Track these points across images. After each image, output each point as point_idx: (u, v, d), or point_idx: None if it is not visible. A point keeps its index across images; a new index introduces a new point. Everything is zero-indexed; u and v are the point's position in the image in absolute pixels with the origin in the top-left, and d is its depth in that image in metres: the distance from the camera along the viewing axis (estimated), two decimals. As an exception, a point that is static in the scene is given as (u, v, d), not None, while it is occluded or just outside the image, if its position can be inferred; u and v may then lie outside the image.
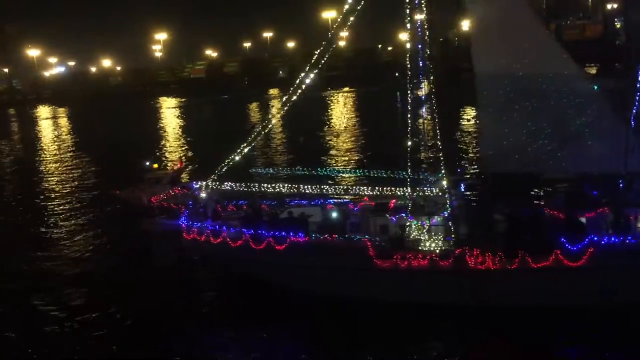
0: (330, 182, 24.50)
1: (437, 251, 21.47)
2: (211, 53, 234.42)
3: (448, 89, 23.26)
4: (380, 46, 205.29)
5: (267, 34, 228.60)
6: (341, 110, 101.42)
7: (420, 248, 21.77)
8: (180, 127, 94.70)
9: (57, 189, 48.76)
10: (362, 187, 24.04)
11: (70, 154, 69.93)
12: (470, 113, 74.59)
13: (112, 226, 35.56)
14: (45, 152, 73.66)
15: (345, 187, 24.27)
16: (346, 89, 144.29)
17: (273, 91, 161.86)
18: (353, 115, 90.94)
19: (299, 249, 22.21)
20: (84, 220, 37.58)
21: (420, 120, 23.34)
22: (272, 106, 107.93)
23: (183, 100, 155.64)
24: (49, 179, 53.88)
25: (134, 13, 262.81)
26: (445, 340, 20.07)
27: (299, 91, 25.15)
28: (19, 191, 50.38)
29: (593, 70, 68.00)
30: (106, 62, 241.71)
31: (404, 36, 23.44)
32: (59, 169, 59.04)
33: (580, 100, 21.21)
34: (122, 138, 74.71)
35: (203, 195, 25.28)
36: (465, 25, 23.79)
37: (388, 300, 21.15)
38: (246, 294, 23.55)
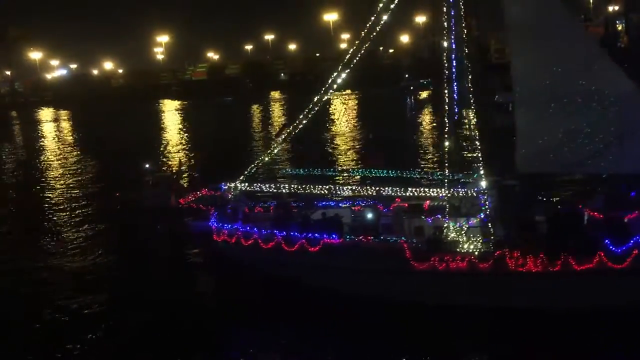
0: (360, 183, 24.19)
1: (476, 253, 21.06)
2: (213, 55, 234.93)
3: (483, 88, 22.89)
4: (381, 48, 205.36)
5: (269, 37, 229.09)
6: (352, 112, 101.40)
7: (458, 250, 21.37)
8: (182, 129, 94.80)
9: (60, 191, 48.70)
10: (394, 188, 23.80)
11: (73, 156, 69.91)
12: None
13: (119, 227, 35.56)
14: (48, 155, 73.67)
15: (376, 188, 23.86)
16: (348, 91, 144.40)
17: (274, 94, 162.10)
18: (364, 117, 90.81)
19: (333, 251, 21.94)
20: (88, 222, 37.47)
21: (465, 121, 22.77)
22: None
23: (185, 102, 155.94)
24: (51, 181, 53.82)
25: (136, 16, 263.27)
26: (482, 344, 19.70)
27: (329, 91, 25.18)
28: (21, 194, 50.40)
29: None
30: (108, 65, 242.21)
31: (405, 38, 23.03)
32: (62, 171, 59.00)
33: (620, 101, 20.69)
34: (124, 140, 74.82)
35: (231, 196, 24.97)
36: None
37: (424, 303, 20.77)
38: (277, 297, 23.11)
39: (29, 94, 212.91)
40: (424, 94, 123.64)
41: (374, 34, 24.80)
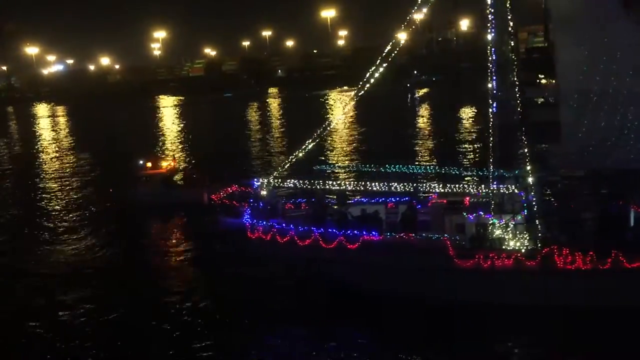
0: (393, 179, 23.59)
1: (523, 251, 20.52)
2: (210, 51, 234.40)
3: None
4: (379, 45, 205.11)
5: (266, 33, 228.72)
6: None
7: (504, 247, 20.82)
8: (179, 125, 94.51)
9: (55, 187, 48.61)
10: (432, 184, 23.23)
11: (69, 151, 69.75)
12: (467, 112, 74.75)
13: (112, 222, 35.44)
14: (44, 150, 73.48)
15: (413, 184, 23.25)
16: (345, 87, 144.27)
17: (272, 90, 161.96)
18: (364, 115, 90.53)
19: (373, 248, 21.42)
20: (82, 217, 37.41)
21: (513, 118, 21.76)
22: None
23: (181, 98, 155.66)
24: (47, 177, 53.71)
25: (133, 11, 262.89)
26: (530, 342, 19.04)
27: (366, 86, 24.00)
28: (16, 189, 50.24)
29: None
30: (105, 60, 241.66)
31: (402, 35, 22.80)
32: (58, 167, 58.87)
33: None
34: (121, 136, 74.71)
35: (264, 193, 24.39)
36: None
37: (468, 302, 20.23)
38: (314, 294, 22.70)
39: (26, 89, 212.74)
40: (423, 91, 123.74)
41: (412, 27, 24.37)
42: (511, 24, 21.26)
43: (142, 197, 36.30)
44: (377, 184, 23.33)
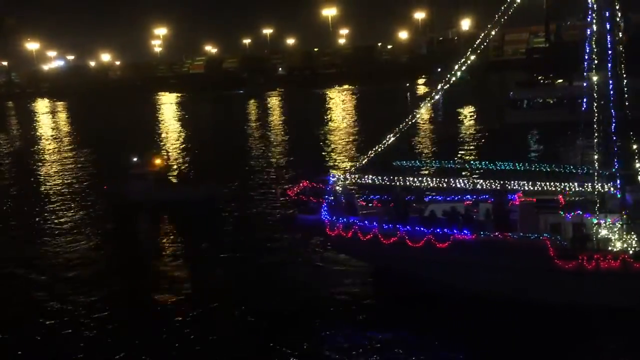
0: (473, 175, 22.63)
1: (630, 252, 19.54)
2: (211, 49, 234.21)
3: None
4: (380, 44, 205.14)
5: (267, 31, 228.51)
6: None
7: (609, 248, 19.89)
8: (179, 122, 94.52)
9: (53, 181, 48.65)
10: (521, 182, 22.01)
11: (68, 147, 69.72)
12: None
13: (106, 221, 35.46)
14: (43, 146, 73.48)
15: (499, 181, 22.16)
16: (345, 86, 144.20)
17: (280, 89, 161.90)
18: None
19: (465, 247, 20.48)
20: (78, 214, 37.40)
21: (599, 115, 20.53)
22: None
23: (182, 95, 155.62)
24: (47, 172, 53.73)
25: (134, 8, 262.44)
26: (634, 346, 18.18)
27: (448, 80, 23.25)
28: (15, 185, 50.25)
29: None
30: (105, 57, 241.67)
31: (403, 34, 22.43)
32: (57, 162, 58.84)
33: None
34: (120, 132, 74.67)
35: (339, 189, 23.56)
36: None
37: (569, 304, 19.48)
38: (400, 294, 21.77)
39: (26, 84, 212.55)
40: (421, 90, 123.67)
41: (503, 19, 23.51)
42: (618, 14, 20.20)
43: (135, 194, 36.27)
44: (461, 180, 22.16)
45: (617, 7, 20.27)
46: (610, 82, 20.26)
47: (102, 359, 19.68)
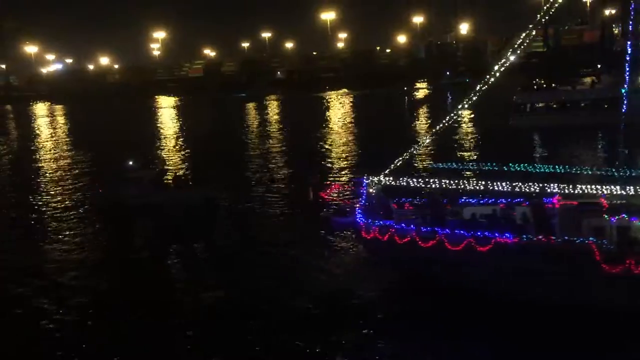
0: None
1: None
2: (209, 52, 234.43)
3: None
4: (378, 48, 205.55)
5: (266, 34, 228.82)
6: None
7: None
8: (177, 126, 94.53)
9: (52, 185, 48.59)
10: (561, 185, 21.35)
11: (66, 151, 69.67)
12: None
13: (101, 223, 35.40)
14: (41, 149, 73.42)
15: (539, 184, 21.33)
16: (344, 90, 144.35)
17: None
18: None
19: (507, 251, 20.03)
20: (74, 217, 37.31)
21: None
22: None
23: (180, 98, 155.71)
24: (44, 175, 53.66)
25: (133, 11, 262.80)
26: None
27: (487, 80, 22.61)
28: (12, 187, 50.21)
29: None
30: (104, 60, 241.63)
31: (402, 38, 22.36)
32: (54, 166, 58.79)
33: None
34: (119, 136, 74.59)
35: (372, 191, 23.09)
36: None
37: (615, 309, 19.01)
38: (440, 299, 21.08)
39: (24, 88, 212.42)
40: (421, 94, 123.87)
41: (546, 17, 23.30)
42: None
43: (130, 198, 36.07)
44: (499, 183, 21.64)
45: None
46: None
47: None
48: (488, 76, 22.99)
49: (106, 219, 35.89)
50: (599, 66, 67.33)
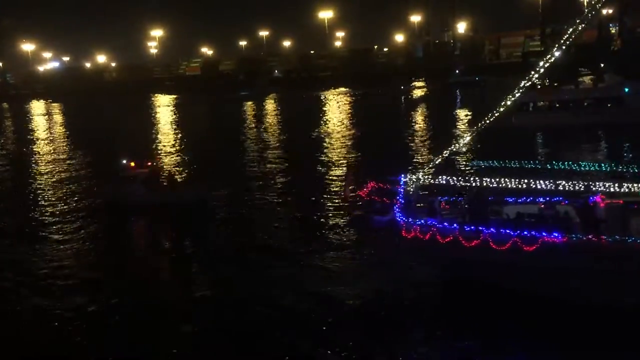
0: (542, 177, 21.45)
1: None
2: (207, 51, 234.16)
3: None
4: (376, 47, 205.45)
5: (264, 33, 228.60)
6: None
7: None
8: (174, 125, 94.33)
9: (48, 184, 48.43)
10: (606, 183, 20.62)
11: (63, 149, 69.52)
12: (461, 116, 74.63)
13: (97, 223, 35.10)
14: (38, 148, 73.23)
15: (582, 183, 20.74)
16: (342, 89, 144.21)
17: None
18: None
19: (556, 251, 19.49)
20: (70, 216, 37.08)
21: None
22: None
23: (177, 96, 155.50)
24: (40, 174, 53.49)
25: (130, 9, 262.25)
26: None
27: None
28: (8, 187, 50.09)
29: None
30: (101, 58, 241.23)
31: (399, 37, 22.12)
32: (51, 164, 58.62)
33: None
34: (115, 135, 74.49)
35: (410, 189, 22.61)
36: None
37: None
38: (483, 300, 20.54)
39: (21, 86, 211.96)
40: (418, 93, 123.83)
41: (594, 12, 22.65)
42: None
43: (124, 197, 36.03)
44: (541, 181, 20.98)
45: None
46: None
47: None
48: (533, 72, 22.58)
49: (99, 218, 35.76)
50: (601, 65, 67.36)
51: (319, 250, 27.37)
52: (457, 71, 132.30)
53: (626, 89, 55.51)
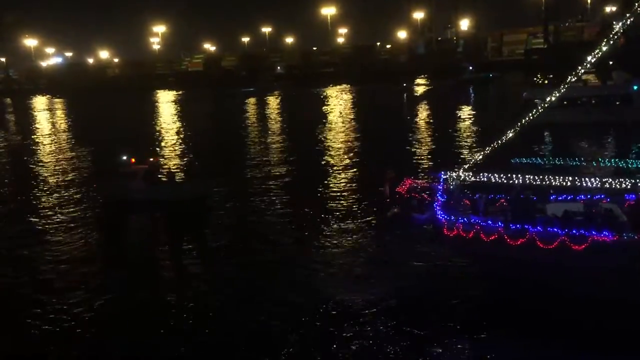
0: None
1: None
2: (209, 47, 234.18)
3: None
4: (378, 44, 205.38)
5: (266, 29, 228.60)
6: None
7: None
8: (176, 120, 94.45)
9: (50, 180, 48.54)
10: None
11: (65, 145, 69.61)
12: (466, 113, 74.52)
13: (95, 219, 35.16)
14: (41, 143, 73.34)
15: (631, 180, 19.81)
16: (344, 85, 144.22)
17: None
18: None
19: (606, 250, 18.86)
20: (72, 211, 37.29)
21: None
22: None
23: (180, 92, 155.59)
24: (42, 169, 53.58)
25: (133, 5, 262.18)
26: None
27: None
28: (11, 181, 50.20)
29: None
30: (104, 54, 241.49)
31: (402, 34, 21.98)
32: (53, 160, 58.74)
33: None
34: (118, 130, 74.53)
35: (452, 187, 22.00)
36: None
37: None
38: (530, 301, 19.96)
39: (24, 81, 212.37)
40: (420, 90, 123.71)
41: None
42: None
43: (124, 193, 35.97)
44: (587, 179, 20.22)
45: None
46: None
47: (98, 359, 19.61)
48: (580, 68, 22.14)
49: (98, 214, 35.77)
50: (610, 62, 67.18)
51: (334, 245, 27.32)
52: (470, 68, 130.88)
53: (635, 87, 55.18)
